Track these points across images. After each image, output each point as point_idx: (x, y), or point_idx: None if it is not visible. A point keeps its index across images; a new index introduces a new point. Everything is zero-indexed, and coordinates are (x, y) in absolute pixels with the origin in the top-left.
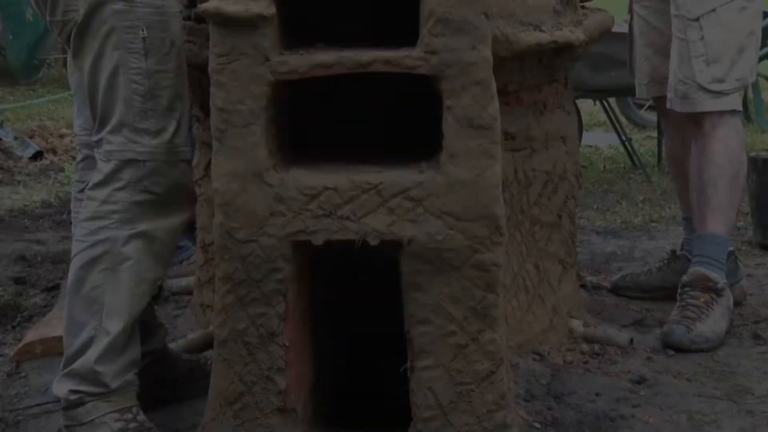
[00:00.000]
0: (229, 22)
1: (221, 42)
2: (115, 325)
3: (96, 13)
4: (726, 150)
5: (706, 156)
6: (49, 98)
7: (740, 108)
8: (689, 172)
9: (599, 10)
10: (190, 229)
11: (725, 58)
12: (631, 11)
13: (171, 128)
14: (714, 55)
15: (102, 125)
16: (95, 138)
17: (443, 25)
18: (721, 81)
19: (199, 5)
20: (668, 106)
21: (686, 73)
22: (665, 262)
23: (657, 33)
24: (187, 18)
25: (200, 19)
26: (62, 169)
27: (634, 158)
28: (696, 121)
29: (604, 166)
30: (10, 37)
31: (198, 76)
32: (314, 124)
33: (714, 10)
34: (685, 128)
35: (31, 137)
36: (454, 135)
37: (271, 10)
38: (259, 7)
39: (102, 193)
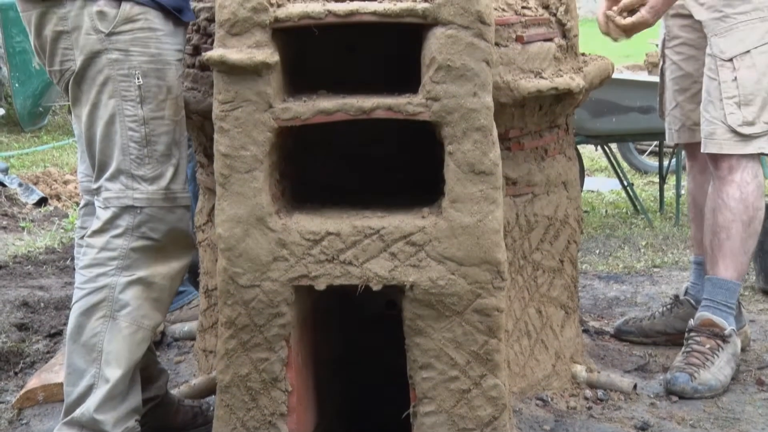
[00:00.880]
0: (232, 70)
1: (225, 89)
2: (114, 373)
3: (92, 62)
4: (742, 195)
5: (721, 200)
6: (54, 145)
7: (767, 151)
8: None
9: (599, 57)
10: (192, 273)
11: (757, 100)
12: (663, 56)
13: (168, 174)
14: (746, 97)
15: (100, 173)
16: (94, 186)
17: (445, 72)
18: (751, 124)
19: (203, 53)
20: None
21: (715, 113)
22: (668, 307)
23: (690, 79)
24: (192, 65)
25: (204, 66)
26: (66, 215)
27: (636, 203)
28: (714, 162)
29: (606, 211)
30: (17, 85)
31: (202, 123)
32: (317, 166)
33: (748, 51)
34: (709, 173)
35: (35, 183)
36: (456, 180)
37: (275, 57)
38: (262, 55)
39: (100, 241)
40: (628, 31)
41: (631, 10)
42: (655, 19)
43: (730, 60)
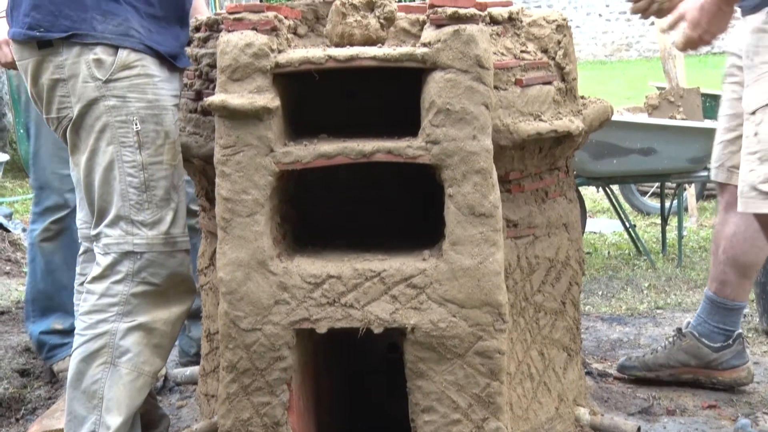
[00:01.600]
0: (234, 115)
1: (226, 134)
2: (115, 420)
3: (90, 109)
4: None
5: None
6: None
7: None
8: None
9: (598, 100)
10: (193, 318)
11: None
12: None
13: (168, 219)
14: (767, 153)
15: (99, 219)
16: (93, 232)
17: (444, 115)
18: None
19: (205, 98)
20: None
21: (742, 169)
22: (671, 340)
23: (736, 120)
24: (194, 110)
25: (206, 111)
26: None
27: (639, 245)
28: (757, 219)
29: (609, 253)
30: (21, 131)
31: (204, 167)
32: (318, 208)
33: None
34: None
35: None
36: (456, 223)
37: (276, 102)
38: (263, 100)
39: (100, 287)
40: (690, 48)
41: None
42: (702, 33)
43: (753, 113)
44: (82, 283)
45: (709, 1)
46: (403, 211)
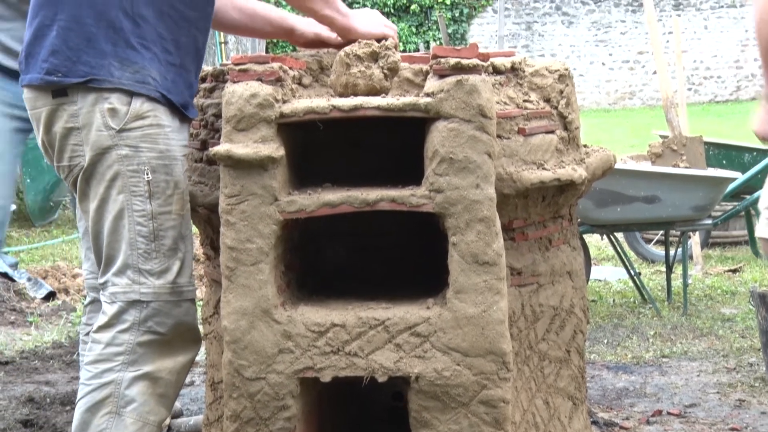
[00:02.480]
0: (239, 164)
1: (231, 183)
2: None
3: (102, 158)
4: None
5: None
6: (63, 239)
7: None
8: None
9: (601, 148)
10: None
11: None
12: None
13: (175, 268)
14: None
15: (106, 268)
16: (100, 281)
17: (447, 164)
18: None
19: (210, 148)
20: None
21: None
22: None
23: None
24: (199, 160)
25: (212, 161)
26: (74, 309)
27: (644, 293)
28: None
29: (614, 301)
30: (28, 180)
31: (209, 216)
32: (322, 255)
33: None
34: None
35: (44, 278)
36: (460, 271)
37: (280, 152)
38: (268, 150)
39: (106, 336)
40: None
41: None
42: None
43: None
44: (87, 333)
45: None
46: (407, 258)
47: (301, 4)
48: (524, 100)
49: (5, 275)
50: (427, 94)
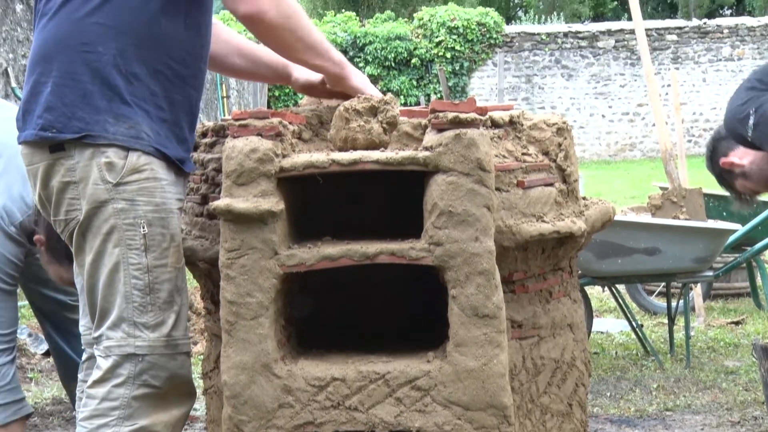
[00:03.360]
0: (239, 219)
1: (231, 237)
2: None
3: (98, 212)
4: None
5: None
6: None
7: None
8: None
9: (600, 201)
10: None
11: None
12: None
13: (170, 321)
14: None
15: (101, 321)
16: (94, 335)
17: (447, 217)
18: None
19: (210, 202)
20: None
21: None
22: None
23: None
24: (200, 214)
25: (212, 215)
26: None
27: (646, 345)
28: None
29: (616, 353)
30: None
31: (209, 270)
32: (322, 308)
33: None
34: None
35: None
36: (460, 324)
37: (280, 206)
38: (268, 204)
39: (101, 391)
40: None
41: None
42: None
43: None
44: (83, 391)
45: None
46: (407, 310)
47: (291, 55)
48: (523, 153)
49: None
50: (426, 148)
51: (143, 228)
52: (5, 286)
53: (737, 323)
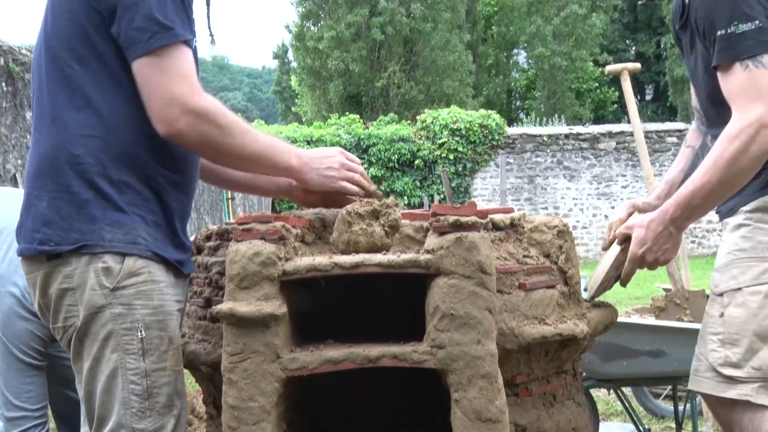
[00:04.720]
0: (241, 322)
1: (234, 341)
2: None
3: (95, 317)
4: None
5: None
6: None
7: (761, 401)
8: None
9: (603, 303)
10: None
11: (743, 341)
12: None
13: (170, 426)
14: (731, 336)
15: (99, 427)
16: None
17: (448, 320)
18: (735, 366)
19: (213, 306)
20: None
21: (701, 349)
22: None
23: None
24: (203, 318)
25: (215, 318)
26: None
27: None
28: (708, 404)
29: None
30: None
31: (211, 374)
32: (325, 411)
33: (740, 289)
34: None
35: None
36: (463, 428)
37: (283, 309)
38: (270, 307)
39: None
40: (632, 268)
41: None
42: (646, 252)
43: (721, 295)
44: None
45: (656, 221)
46: (409, 414)
47: (233, 167)
48: (524, 256)
49: None
50: (428, 251)
51: (140, 332)
52: (34, 362)
53: None
